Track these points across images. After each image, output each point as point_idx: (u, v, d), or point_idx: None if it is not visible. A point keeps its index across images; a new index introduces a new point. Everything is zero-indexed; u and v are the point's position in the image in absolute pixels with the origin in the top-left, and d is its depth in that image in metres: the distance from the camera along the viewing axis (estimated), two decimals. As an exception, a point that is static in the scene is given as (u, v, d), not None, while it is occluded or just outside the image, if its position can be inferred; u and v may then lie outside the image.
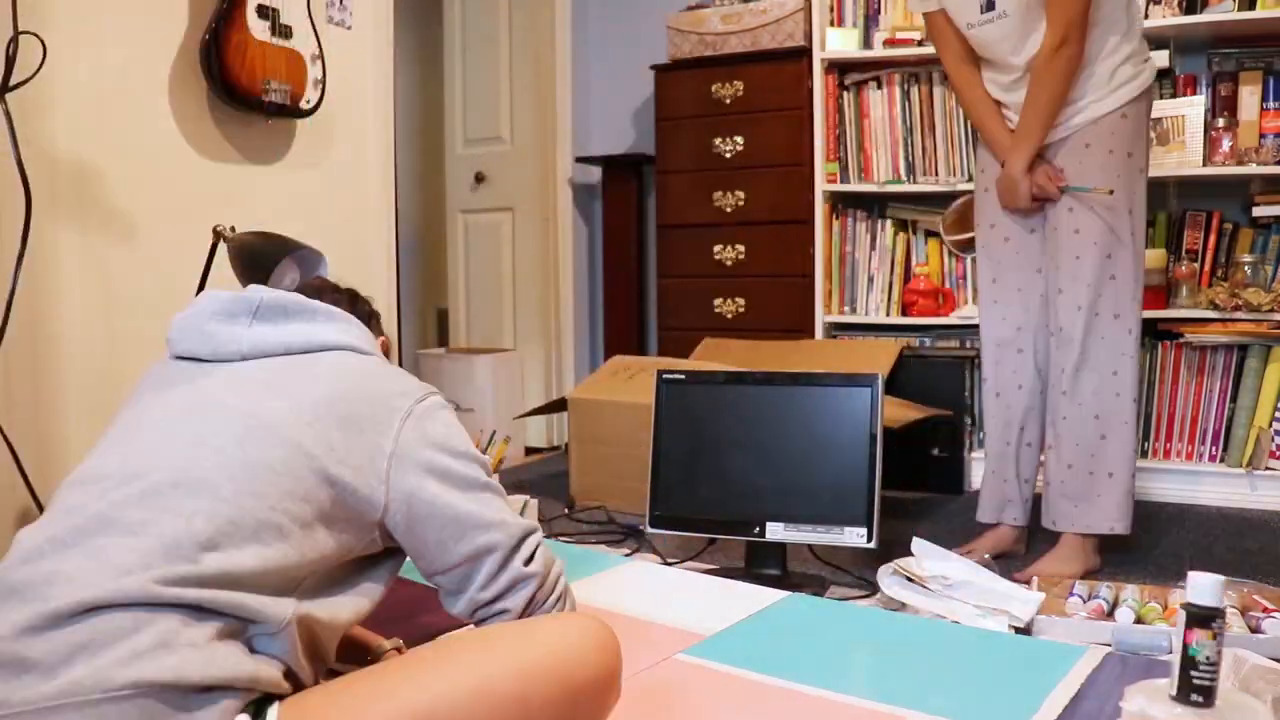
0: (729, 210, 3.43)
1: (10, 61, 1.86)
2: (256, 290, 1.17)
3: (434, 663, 1.02)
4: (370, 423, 1.09)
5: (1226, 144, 2.81)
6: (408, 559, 1.17)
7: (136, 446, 1.03)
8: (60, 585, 0.88)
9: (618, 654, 1.11)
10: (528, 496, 2.52)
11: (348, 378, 1.12)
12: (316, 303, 1.20)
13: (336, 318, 1.20)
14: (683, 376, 2.21)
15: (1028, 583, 1.93)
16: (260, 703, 0.92)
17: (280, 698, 0.94)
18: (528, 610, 1.15)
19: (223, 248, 1.94)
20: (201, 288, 1.99)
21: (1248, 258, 2.82)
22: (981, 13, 2.13)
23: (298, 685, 0.99)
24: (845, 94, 3.32)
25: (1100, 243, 2.08)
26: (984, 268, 2.32)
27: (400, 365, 3.27)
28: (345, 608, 1.08)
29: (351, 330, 1.20)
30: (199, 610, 0.90)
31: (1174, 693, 1.17)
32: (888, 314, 3.29)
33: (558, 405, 3.27)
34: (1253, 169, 2.78)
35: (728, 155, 3.42)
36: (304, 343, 1.15)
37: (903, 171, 3.26)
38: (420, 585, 1.89)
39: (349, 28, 2.78)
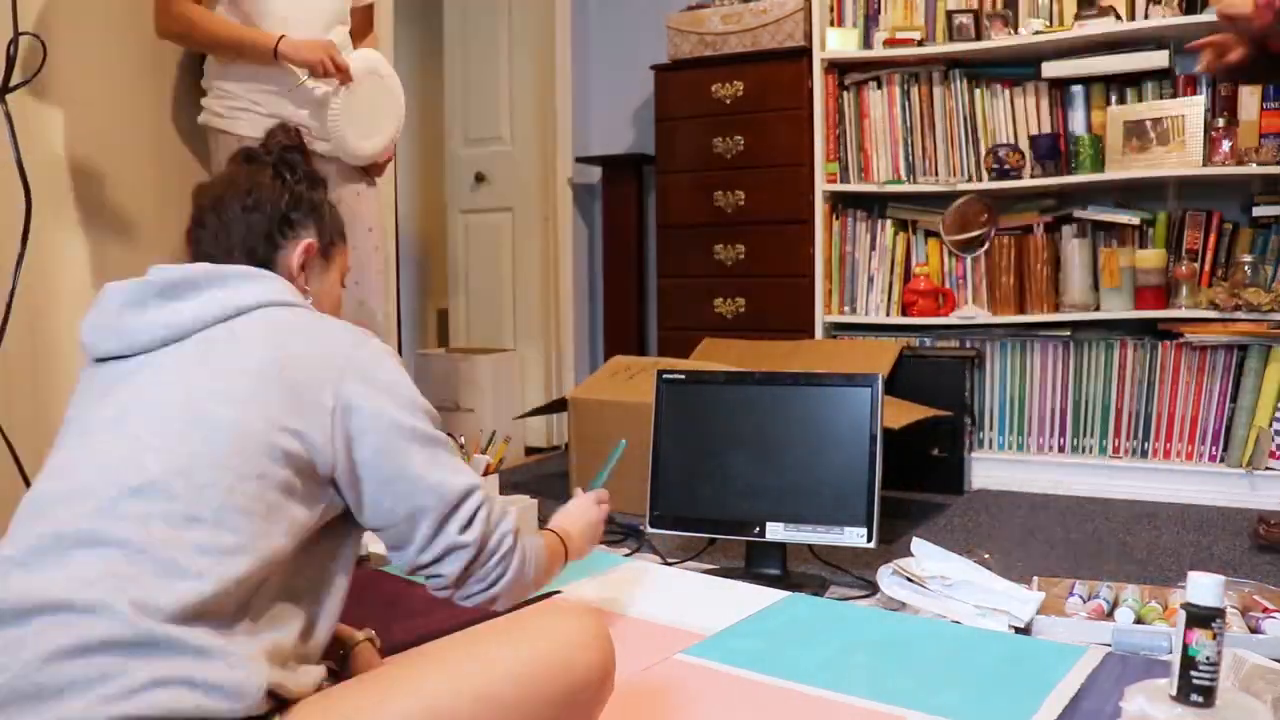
0: (729, 210, 3.43)
1: (10, 61, 1.86)
2: (157, 270, 1.12)
3: (431, 673, 0.99)
4: (309, 384, 1.05)
5: (1226, 144, 2.81)
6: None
7: (82, 463, 0.98)
8: (43, 620, 0.85)
9: (611, 645, 1.11)
10: (527, 497, 2.52)
11: (275, 340, 1.07)
12: (225, 267, 1.13)
13: (252, 277, 1.13)
14: (683, 376, 2.21)
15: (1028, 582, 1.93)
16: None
17: (272, 713, 0.91)
18: (464, 577, 1.14)
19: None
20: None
21: (1248, 258, 2.82)
22: None
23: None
24: (845, 94, 3.32)
25: None
26: None
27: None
28: (319, 618, 1.05)
29: (270, 284, 1.13)
30: (181, 647, 0.86)
31: (1174, 693, 1.17)
32: (888, 314, 3.29)
33: (558, 405, 3.27)
34: (1253, 169, 2.78)
35: (728, 155, 3.42)
36: (219, 311, 1.09)
37: (903, 171, 3.26)
38: (420, 586, 1.89)
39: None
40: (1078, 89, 3.04)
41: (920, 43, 3.15)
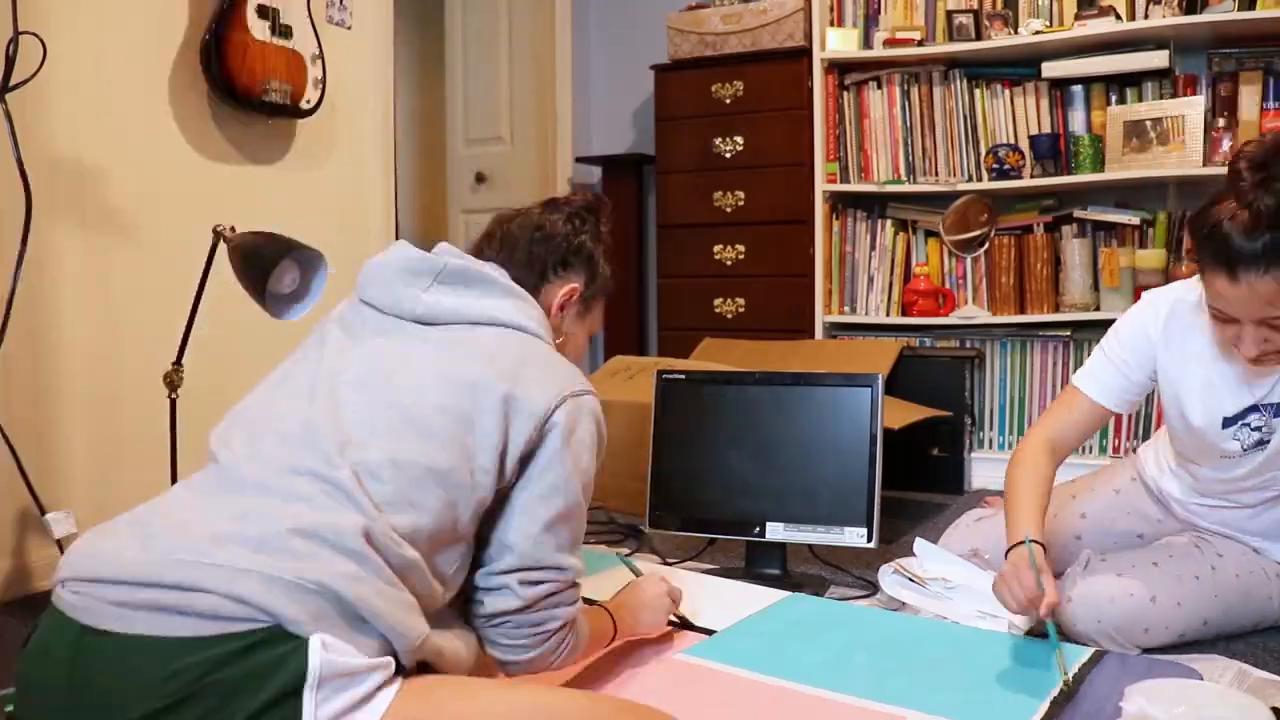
0: (729, 210, 3.42)
1: (10, 61, 1.86)
2: (443, 255, 1.26)
3: (549, 683, 1.15)
4: (521, 410, 1.16)
5: (1226, 144, 2.80)
6: None
7: (330, 402, 1.12)
8: (293, 504, 1.02)
9: None
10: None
11: (508, 360, 1.18)
12: (496, 276, 1.26)
13: (514, 295, 1.26)
14: (683, 376, 2.21)
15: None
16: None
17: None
18: (497, 621, 1.18)
19: (223, 248, 1.94)
20: (201, 289, 1.99)
21: (1248, 258, 2.82)
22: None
23: None
24: (845, 94, 3.32)
25: None
26: None
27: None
28: (458, 649, 1.14)
29: (525, 308, 1.26)
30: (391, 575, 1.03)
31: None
32: (888, 314, 3.28)
33: (558, 405, 3.26)
34: (1253, 169, 2.77)
35: (728, 155, 3.42)
36: (476, 314, 1.22)
37: (903, 171, 3.26)
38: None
39: (349, 28, 2.78)
40: (1078, 89, 3.04)
41: (920, 43, 3.15)
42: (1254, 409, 1.63)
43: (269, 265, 1.86)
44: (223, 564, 0.94)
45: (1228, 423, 1.65)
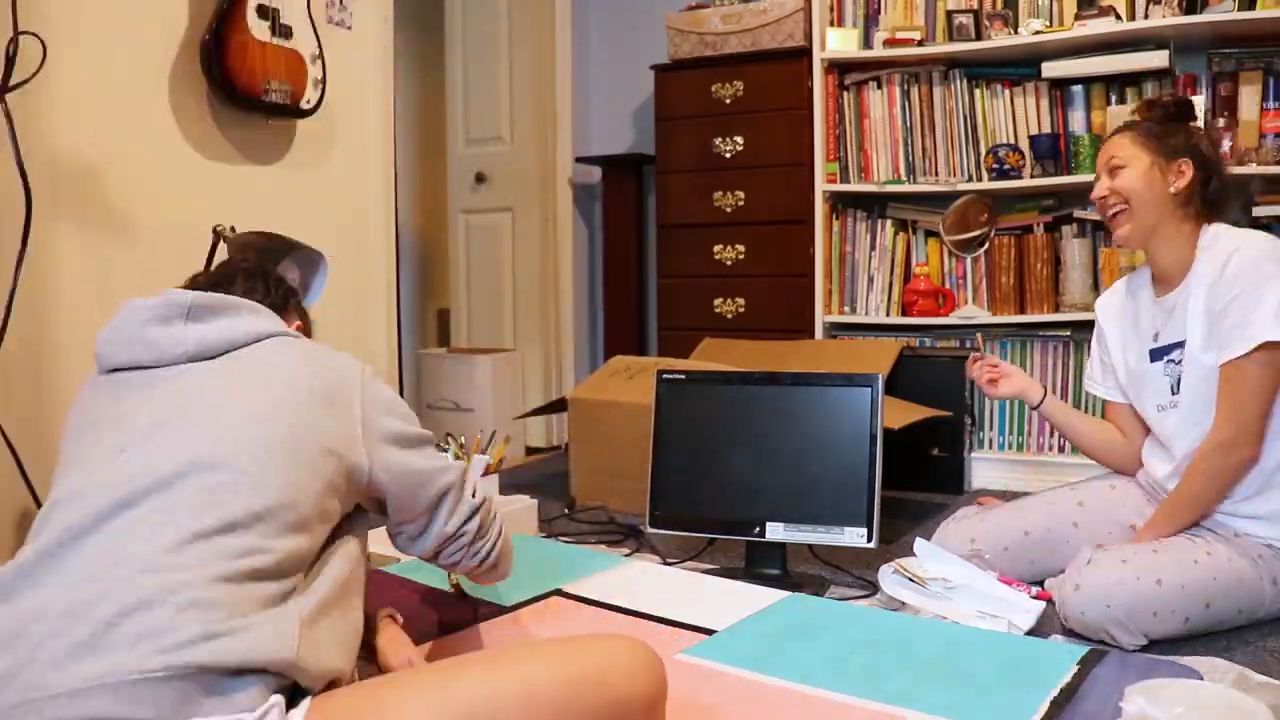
0: (729, 210, 3.43)
1: (10, 61, 1.86)
2: (177, 292, 1.20)
3: (477, 665, 1.03)
4: (338, 395, 1.17)
5: (1226, 144, 2.80)
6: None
7: (128, 454, 1.03)
8: (97, 584, 0.91)
9: (663, 677, 1.10)
10: (527, 497, 2.52)
11: (299, 358, 1.18)
12: (235, 298, 1.24)
13: (264, 313, 1.25)
14: (683, 376, 2.21)
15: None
16: (295, 693, 0.94)
17: (313, 692, 0.95)
18: (481, 531, 1.35)
19: (223, 247, 1.94)
20: (201, 288, 1.99)
21: (1248, 258, 2.81)
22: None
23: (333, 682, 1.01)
24: (845, 94, 3.32)
25: None
26: None
27: (400, 367, 3.28)
28: (334, 583, 1.09)
29: (272, 318, 1.25)
30: (234, 597, 0.93)
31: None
32: (888, 314, 3.28)
33: (558, 405, 3.27)
34: (1253, 169, 2.77)
35: (728, 155, 3.42)
36: (242, 335, 1.19)
37: (903, 171, 3.26)
38: (424, 586, 1.89)
39: (349, 28, 2.78)
40: (1078, 89, 3.04)
41: (920, 43, 3.15)
42: (1170, 347, 1.91)
43: (269, 265, 1.86)
44: (60, 691, 0.84)
45: (1154, 356, 1.94)
